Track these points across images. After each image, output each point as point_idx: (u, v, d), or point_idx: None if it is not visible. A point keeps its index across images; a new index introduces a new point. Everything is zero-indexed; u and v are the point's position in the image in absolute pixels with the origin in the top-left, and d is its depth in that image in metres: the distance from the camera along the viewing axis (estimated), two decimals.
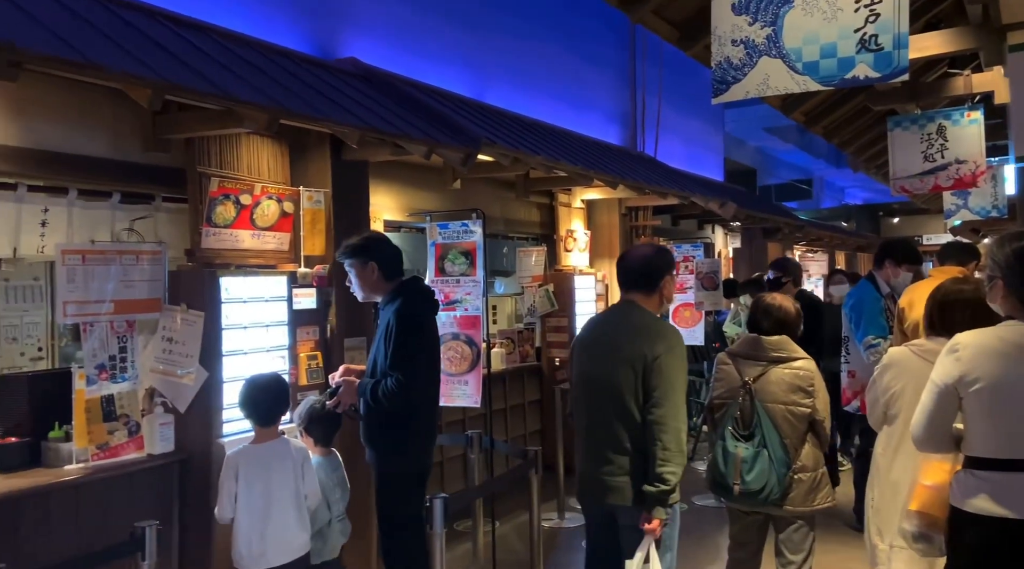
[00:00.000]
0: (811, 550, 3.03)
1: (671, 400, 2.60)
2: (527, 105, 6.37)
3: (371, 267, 3.24)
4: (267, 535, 2.79)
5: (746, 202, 9.03)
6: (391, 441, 3.19)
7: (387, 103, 4.09)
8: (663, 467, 2.56)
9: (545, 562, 4.17)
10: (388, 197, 5.26)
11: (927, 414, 2.36)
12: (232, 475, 2.79)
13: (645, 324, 2.73)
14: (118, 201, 3.52)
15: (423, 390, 3.23)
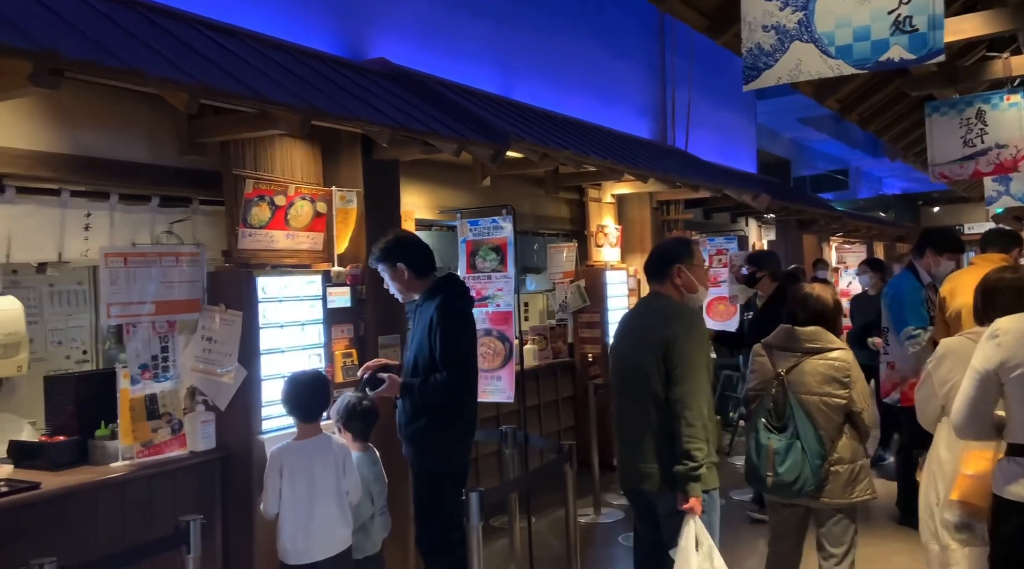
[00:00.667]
0: (853, 543, 2.99)
1: (692, 378, 2.65)
2: (555, 100, 6.37)
3: (401, 268, 3.31)
4: (311, 530, 2.84)
5: (780, 194, 8.91)
6: (433, 438, 3.23)
7: (417, 102, 4.12)
8: (689, 444, 2.60)
9: (582, 557, 4.17)
10: (419, 196, 5.30)
11: (968, 400, 2.32)
12: (277, 471, 2.85)
13: (663, 308, 2.82)
14: (157, 205, 3.60)
15: (468, 388, 3.27)
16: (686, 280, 2.86)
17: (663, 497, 2.70)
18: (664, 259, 2.90)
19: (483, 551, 2.88)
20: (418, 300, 3.38)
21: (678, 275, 2.85)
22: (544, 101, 6.19)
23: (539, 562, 3.99)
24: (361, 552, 3.14)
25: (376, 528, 3.18)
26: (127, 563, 2.46)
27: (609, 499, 5.69)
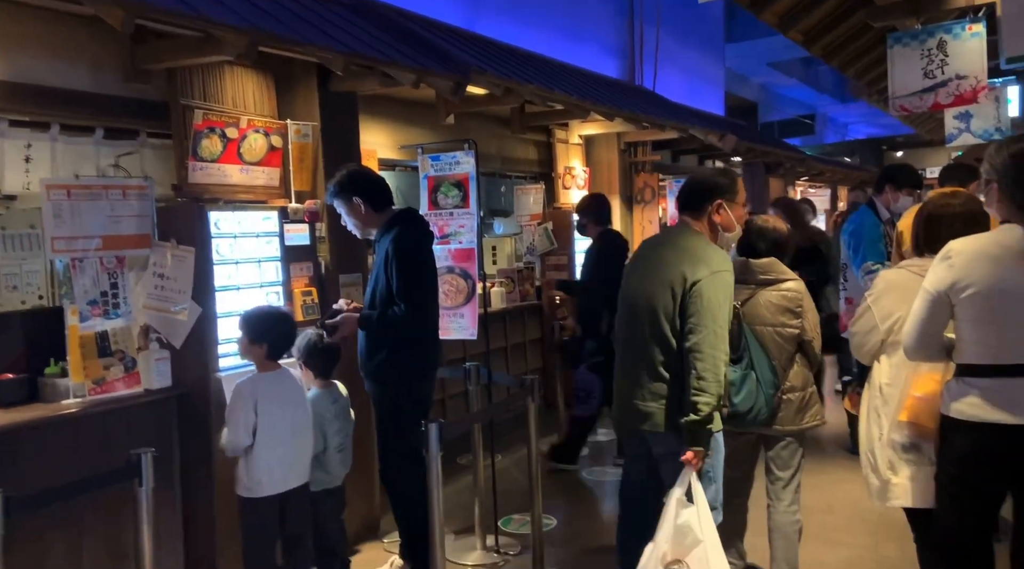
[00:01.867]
0: (799, 467, 3.05)
1: (709, 327, 2.46)
2: (520, 36, 6.22)
3: (357, 203, 3.25)
4: (290, 459, 2.91)
5: (747, 136, 8.89)
6: (393, 373, 3.21)
7: (374, 31, 3.97)
8: (698, 396, 2.45)
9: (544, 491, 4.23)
10: (382, 135, 5.18)
11: (919, 322, 2.33)
12: (250, 404, 2.84)
13: (691, 246, 2.59)
14: (102, 136, 3.46)
15: (426, 321, 3.24)
16: (725, 218, 2.66)
17: (660, 439, 2.58)
18: (704, 191, 2.66)
19: (448, 487, 2.89)
20: (375, 235, 3.32)
21: (717, 211, 2.64)
22: (509, 36, 6.04)
23: (502, 496, 4.03)
24: (320, 485, 3.15)
25: (333, 463, 3.19)
26: (77, 494, 2.42)
27: None
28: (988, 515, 2.31)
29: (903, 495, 2.61)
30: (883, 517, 3.91)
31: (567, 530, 4.15)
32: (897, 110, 4.23)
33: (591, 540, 4.17)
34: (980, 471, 2.25)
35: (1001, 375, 2.19)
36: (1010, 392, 2.17)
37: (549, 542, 3.86)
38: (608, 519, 4.43)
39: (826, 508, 4.18)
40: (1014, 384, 2.16)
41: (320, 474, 3.16)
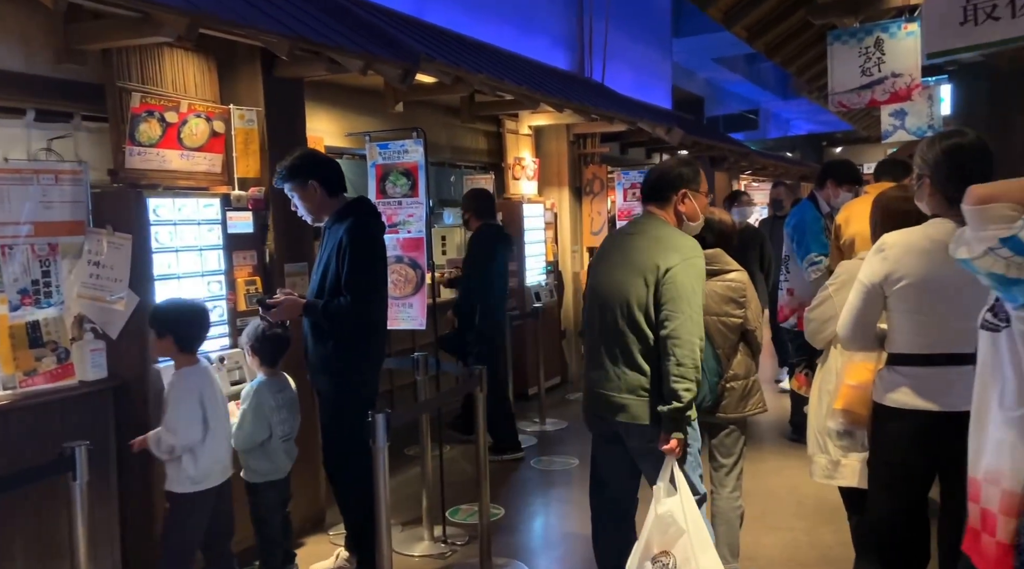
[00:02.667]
0: (742, 454, 3.13)
1: (685, 313, 2.47)
2: (470, 25, 6.18)
3: (312, 186, 3.18)
4: (223, 451, 2.91)
5: (693, 130, 9.03)
6: (339, 363, 3.17)
7: (320, 16, 3.89)
8: (677, 384, 2.45)
9: (493, 481, 4.24)
10: (329, 122, 5.09)
11: (854, 313, 2.41)
12: (196, 398, 2.79)
13: (661, 235, 2.60)
14: (33, 119, 3.31)
15: (371, 313, 3.21)
16: (690, 208, 2.68)
17: (636, 430, 2.56)
18: (670, 180, 2.67)
19: (396, 478, 2.88)
20: (326, 222, 3.26)
21: (683, 201, 2.67)
22: (459, 25, 6.00)
23: (450, 487, 4.03)
24: (263, 476, 3.11)
25: (279, 454, 3.15)
26: (7, 489, 2.33)
27: (522, 427, 5.79)
28: (919, 498, 2.41)
29: (851, 476, 2.71)
30: (819, 502, 4.05)
31: (515, 520, 4.18)
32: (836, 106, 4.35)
33: (538, 529, 4.21)
34: (910, 456, 2.34)
35: (930, 364, 2.28)
36: (938, 381, 2.26)
37: (496, 532, 3.88)
38: (556, 508, 4.48)
39: (767, 494, 4.30)
40: (942, 373, 2.26)
41: (265, 464, 3.11)
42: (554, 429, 5.82)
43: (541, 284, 6.80)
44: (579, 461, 5.05)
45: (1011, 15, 1.78)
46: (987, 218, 1.47)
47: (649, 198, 2.72)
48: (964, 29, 1.86)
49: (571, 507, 4.36)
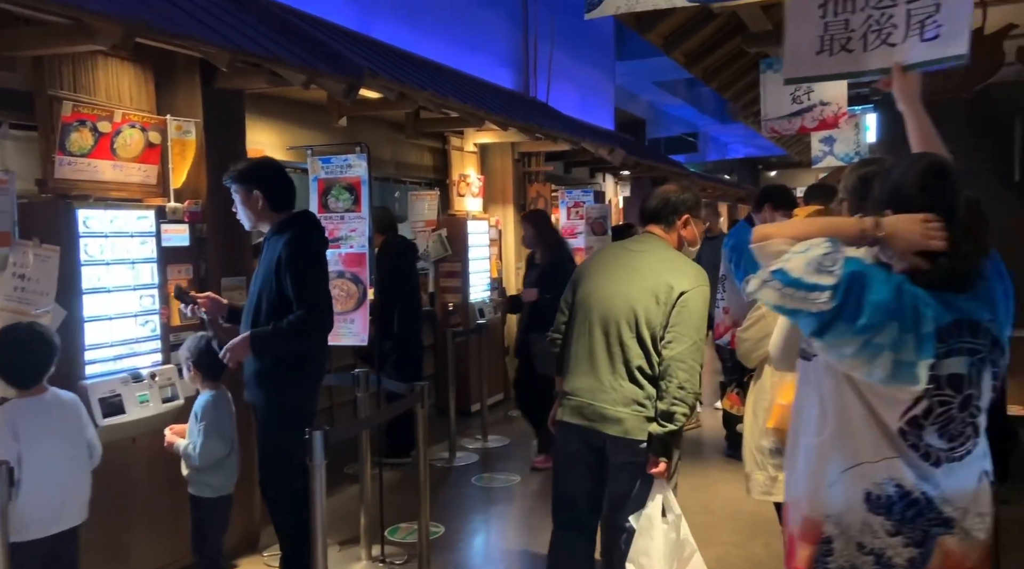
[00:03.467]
0: (676, 469, 3.17)
1: (693, 339, 2.52)
2: (415, 43, 6.20)
3: (256, 196, 3.10)
4: (60, 497, 2.58)
5: (635, 151, 9.23)
6: (279, 379, 3.09)
7: (263, 28, 3.86)
8: (676, 407, 2.49)
9: (435, 499, 4.22)
10: (269, 134, 5.03)
11: (784, 335, 2.48)
12: (10, 434, 2.47)
13: (671, 257, 2.67)
14: None
15: (326, 327, 3.16)
16: (691, 233, 2.76)
17: (624, 445, 2.57)
18: (675, 205, 2.75)
19: (335, 497, 2.84)
20: (266, 234, 3.21)
21: (685, 225, 2.75)
22: (404, 42, 6.01)
23: (390, 506, 3.98)
24: (216, 491, 3.07)
25: (233, 467, 3.13)
26: None
27: (464, 444, 5.78)
28: None
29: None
30: (753, 517, 4.14)
31: (455, 537, 4.15)
32: (768, 132, 4.52)
33: (479, 547, 4.19)
34: None
35: None
36: None
37: (436, 550, 3.85)
38: (497, 525, 4.47)
39: (702, 509, 4.38)
40: None
41: (220, 479, 3.09)
42: (496, 446, 5.81)
43: (485, 301, 6.82)
44: (520, 478, 5.06)
45: (863, 49, 1.86)
46: (764, 255, 1.60)
47: (655, 219, 2.77)
48: (819, 59, 1.92)
49: (512, 524, 4.36)
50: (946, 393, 1.52)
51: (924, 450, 1.55)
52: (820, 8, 1.89)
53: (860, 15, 1.86)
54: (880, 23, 1.84)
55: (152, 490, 3.41)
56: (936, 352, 1.50)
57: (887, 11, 1.84)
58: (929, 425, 1.54)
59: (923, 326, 1.48)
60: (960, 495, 1.56)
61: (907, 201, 1.55)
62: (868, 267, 1.55)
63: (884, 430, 1.54)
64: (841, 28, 1.88)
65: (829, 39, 1.90)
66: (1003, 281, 1.60)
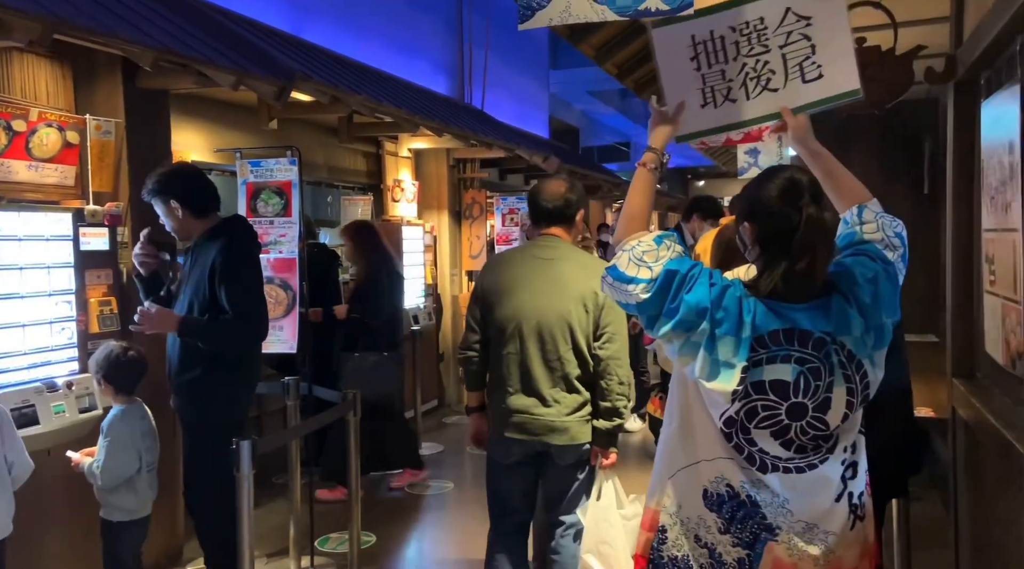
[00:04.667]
0: None
1: (624, 335, 2.64)
2: (351, 46, 6.14)
3: (174, 206, 3.00)
4: None
5: (569, 159, 9.34)
6: (211, 388, 3.00)
7: (189, 28, 3.75)
8: (619, 401, 2.59)
9: (364, 507, 4.17)
10: (196, 136, 4.89)
11: None
12: None
13: (586, 262, 2.70)
14: None
15: (263, 335, 3.09)
16: (581, 226, 2.80)
17: (571, 451, 2.65)
18: (575, 202, 2.73)
19: (264, 508, 2.77)
20: (195, 241, 3.10)
21: (581, 221, 2.78)
22: (338, 45, 5.94)
23: (320, 517, 3.92)
24: (128, 514, 2.90)
25: (145, 488, 2.95)
26: None
27: None
28: None
29: None
30: None
31: (386, 546, 4.11)
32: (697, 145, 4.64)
33: (412, 556, 4.16)
34: None
35: None
36: None
37: (367, 560, 3.81)
38: (430, 534, 4.45)
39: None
40: None
41: (131, 500, 2.90)
42: (430, 453, 5.78)
43: (419, 307, 6.79)
44: (454, 485, 5.04)
45: (745, 97, 1.81)
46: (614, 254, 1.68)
47: (555, 220, 2.73)
48: (705, 112, 1.85)
49: (445, 532, 4.35)
50: (770, 398, 1.53)
51: (750, 453, 1.56)
52: (692, 61, 1.83)
53: (735, 65, 1.81)
54: (757, 70, 1.79)
55: (68, 505, 3.26)
56: (751, 356, 1.52)
57: (761, 58, 1.78)
58: (756, 428, 1.55)
59: (742, 331, 1.52)
60: (805, 508, 1.56)
61: (765, 213, 1.59)
62: (705, 272, 1.58)
63: (716, 429, 1.59)
64: (718, 78, 1.82)
65: (710, 91, 1.84)
66: (877, 302, 1.57)
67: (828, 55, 1.77)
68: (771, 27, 1.78)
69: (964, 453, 2.92)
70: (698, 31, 1.82)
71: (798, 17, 1.77)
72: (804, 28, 1.78)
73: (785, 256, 1.54)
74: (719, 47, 1.81)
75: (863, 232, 1.68)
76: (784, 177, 1.61)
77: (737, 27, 1.79)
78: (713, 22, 1.81)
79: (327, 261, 5.35)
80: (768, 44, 1.79)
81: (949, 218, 3.14)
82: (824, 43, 1.77)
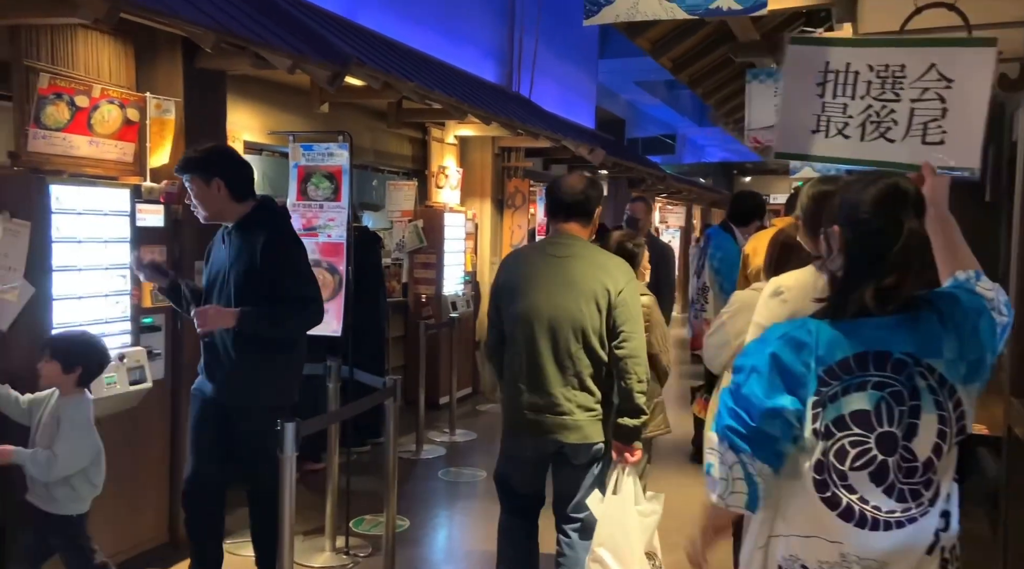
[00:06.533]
0: (645, 472, 3.21)
1: (638, 333, 2.64)
2: (401, 31, 6.14)
3: (216, 185, 2.88)
4: None
5: (614, 151, 9.26)
6: (268, 371, 2.93)
7: (249, 10, 3.79)
8: (640, 398, 2.61)
9: (401, 490, 4.21)
10: (249, 117, 4.95)
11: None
12: None
13: (599, 259, 2.69)
14: None
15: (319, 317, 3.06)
16: (598, 221, 2.82)
17: (584, 450, 2.68)
18: (593, 198, 2.74)
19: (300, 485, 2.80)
20: (229, 226, 2.98)
21: (598, 218, 2.80)
22: (390, 30, 5.95)
23: (356, 496, 3.97)
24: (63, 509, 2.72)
25: (85, 485, 2.76)
26: None
27: (432, 437, 5.77)
28: None
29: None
30: None
31: (420, 532, 4.15)
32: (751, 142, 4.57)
33: (444, 542, 4.20)
34: None
35: None
36: None
37: (401, 544, 3.85)
38: (461, 521, 4.48)
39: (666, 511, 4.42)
40: None
41: (67, 493, 2.71)
42: (463, 440, 5.82)
43: (458, 294, 6.81)
44: (487, 473, 5.06)
45: (860, 138, 1.79)
46: None
47: (573, 216, 2.74)
48: (815, 138, 1.85)
49: (477, 520, 4.37)
50: (854, 432, 1.39)
51: (848, 505, 1.41)
52: (819, 86, 1.81)
53: (859, 102, 1.78)
54: (879, 115, 1.76)
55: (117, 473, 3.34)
56: (823, 390, 1.39)
57: (888, 105, 1.76)
58: (852, 470, 1.40)
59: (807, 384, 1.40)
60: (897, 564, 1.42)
61: (859, 220, 1.47)
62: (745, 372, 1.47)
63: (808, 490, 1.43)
64: (839, 111, 1.80)
65: (826, 120, 1.83)
66: (978, 334, 1.45)
67: (957, 125, 1.72)
68: (909, 78, 1.74)
69: (1018, 473, 2.83)
70: (834, 59, 1.79)
71: (940, 76, 1.72)
72: (943, 89, 1.72)
73: (874, 271, 1.41)
74: (850, 81, 1.79)
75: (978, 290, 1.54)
76: (888, 183, 1.47)
77: (875, 67, 1.75)
78: (852, 55, 1.78)
79: (370, 244, 5.40)
80: (900, 94, 1.75)
81: (1016, 230, 3.03)
82: (957, 111, 1.72)
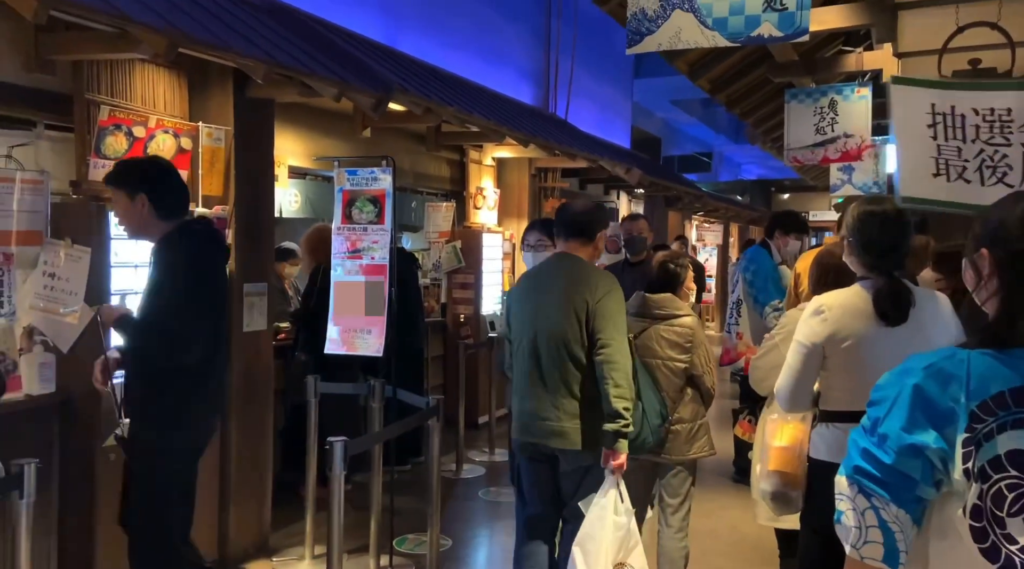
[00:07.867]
0: (688, 494, 3.20)
1: (617, 340, 2.76)
2: (441, 56, 6.27)
3: (140, 200, 2.64)
4: None
5: (651, 170, 9.27)
6: (153, 406, 2.67)
7: (296, 40, 3.92)
8: (619, 402, 2.70)
9: (443, 510, 4.24)
10: (294, 142, 5.09)
11: (795, 374, 2.44)
12: None
13: (583, 274, 2.87)
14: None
15: (196, 345, 2.63)
16: (601, 245, 3.01)
17: (573, 455, 2.82)
18: (594, 221, 2.97)
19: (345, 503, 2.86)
20: (154, 247, 2.74)
21: (600, 240, 2.99)
22: (430, 55, 6.09)
23: (398, 514, 4.01)
24: None
25: None
26: None
27: (472, 457, 5.80)
28: None
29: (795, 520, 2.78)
30: (757, 543, 4.16)
31: (461, 551, 4.18)
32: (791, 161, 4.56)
33: (483, 561, 4.21)
34: None
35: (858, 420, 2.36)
36: None
37: (443, 563, 3.88)
38: (501, 540, 4.49)
39: (709, 533, 4.40)
40: None
41: None
42: (503, 460, 5.83)
43: (496, 314, 6.86)
44: None
45: (980, 182, 1.76)
46: None
47: (573, 236, 2.96)
48: (937, 182, 1.82)
49: None
50: (1011, 474, 1.23)
51: (1009, 558, 1.20)
52: (930, 128, 1.79)
53: (972, 146, 1.75)
54: (993, 160, 1.74)
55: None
56: (975, 427, 1.24)
57: (1000, 149, 1.73)
58: (1010, 517, 1.22)
59: (956, 421, 1.25)
60: None
61: (1007, 239, 1.32)
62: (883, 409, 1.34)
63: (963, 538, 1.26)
64: (955, 155, 1.78)
65: (944, 164, 1.81)
66: None
67: None
68: (1017, 121, 1.72)
69: None
70: (939, 101, 1.78)
71: None
72: None
73: None
74: (958, 125, 1.77)
75: None
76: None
77: (981, 111, 1.74)
78: (956, 97, 1.76)
79: (407, 264, 5.50)
80: (1011, 139, 1.73)
81: None
82: None
